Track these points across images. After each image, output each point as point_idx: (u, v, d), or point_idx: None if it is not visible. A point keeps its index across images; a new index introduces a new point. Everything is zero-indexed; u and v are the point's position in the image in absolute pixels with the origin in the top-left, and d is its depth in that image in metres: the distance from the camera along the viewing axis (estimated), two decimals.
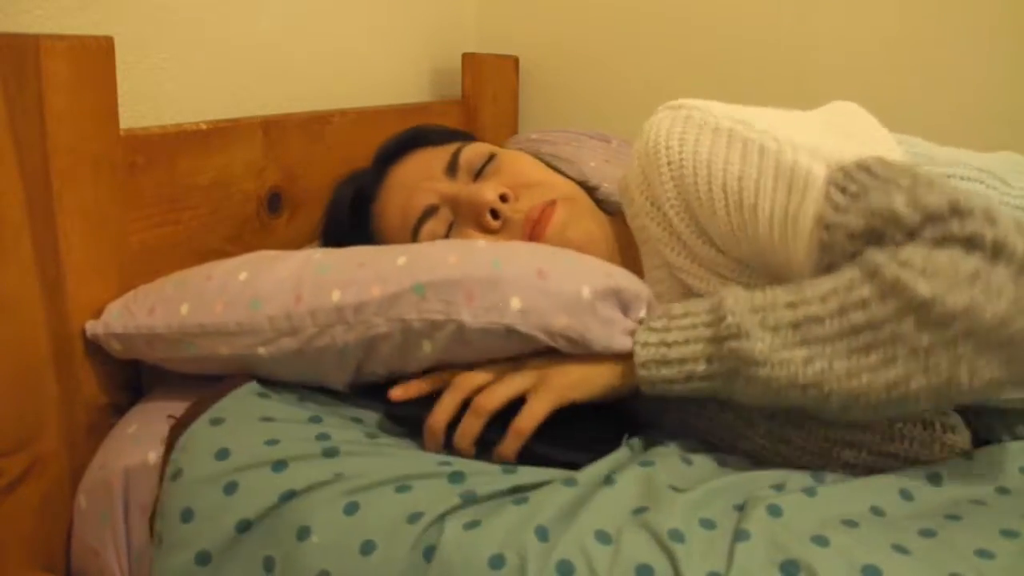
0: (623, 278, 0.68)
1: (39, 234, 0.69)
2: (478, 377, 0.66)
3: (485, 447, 0.65)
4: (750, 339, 0.60)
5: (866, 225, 0.62)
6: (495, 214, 0.79)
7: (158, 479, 0.64)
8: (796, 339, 0.59)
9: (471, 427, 0.64)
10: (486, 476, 0.61)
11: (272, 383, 0.72)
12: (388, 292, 0.66)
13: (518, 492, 0.60)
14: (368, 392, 0.73)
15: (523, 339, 0.65)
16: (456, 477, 0.61)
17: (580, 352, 0.65)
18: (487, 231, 0.80)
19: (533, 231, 0.78)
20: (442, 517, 0.56)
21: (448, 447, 0.66)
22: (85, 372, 0.74)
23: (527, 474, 0.62)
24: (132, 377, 0.79)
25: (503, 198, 0.80)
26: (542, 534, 0.54)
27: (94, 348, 0.74)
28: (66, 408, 0.73)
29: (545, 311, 0.64)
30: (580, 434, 0.66)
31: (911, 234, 0.60)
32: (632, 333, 0.66)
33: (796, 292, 0.61)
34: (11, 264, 0.68)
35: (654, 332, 0.65)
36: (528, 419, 0.63)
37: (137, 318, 0.72)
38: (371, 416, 0.71)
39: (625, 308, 0.67)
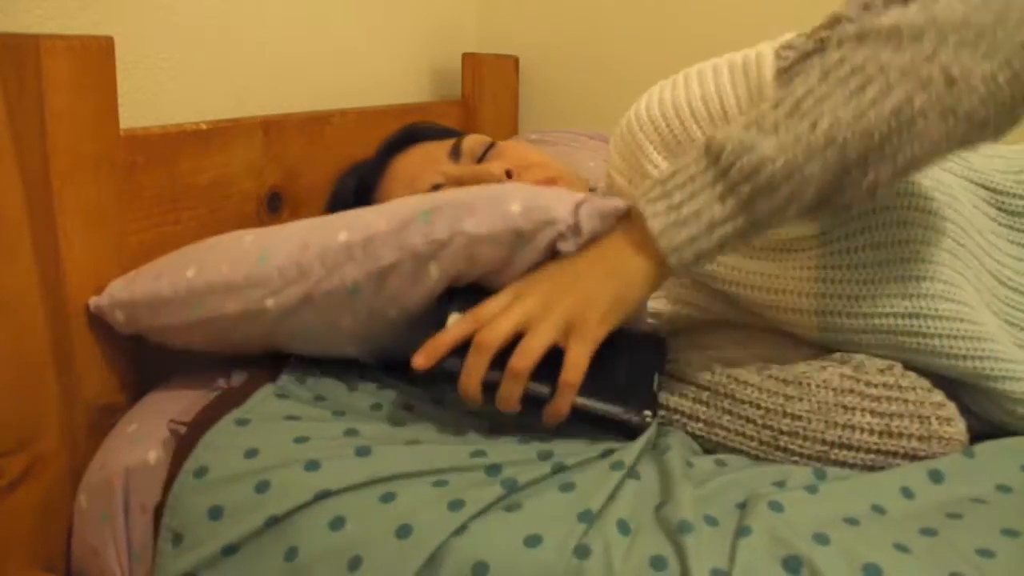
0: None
1: (39, 234, 0.69)
2: (500, 328, 0.63)
3: (527, 401, 0.63)
4: (755, 149, 0.59)
5: (815, 39, 0.66)
6: None
7: (166, 476, 0.64)
8: (796, 120, 0.60)
9: (513, 392, 0.62)
10: (523, 465, 0.61)
11: (286, 387, 0.72)
12: (395, 223, 0.67)
13: (558, 474, 0.60)
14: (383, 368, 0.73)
15: (529, 241, 0.64)
16: (493, 470, 0.61)
17: (585, 239, 0.64)
18: None
19: None
20: (487, 508, 0.57)
21: (488, 402, 0.64)
22: (85, 372, 0.74)
23: (562, 455, 0.62)
24: (132, 377, 0.79)
25: (508, 174, 0.81)
26: (586, 519, 0.55)
27: (95, 347, 0.74)
28: (66, 408, 0.73)
29: (545, 207, 0.64)
30: (619, 372, 0.65)
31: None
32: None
33: (776, 94, 0.62)
34: (11, 264, 0.68)
35: (656, 201, 0.62)
36: (574, 371, 0.62)
37: (144, 285, 0.72)
38: (387, 398, 0.72)
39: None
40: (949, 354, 0.68)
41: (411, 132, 0.93)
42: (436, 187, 0.83)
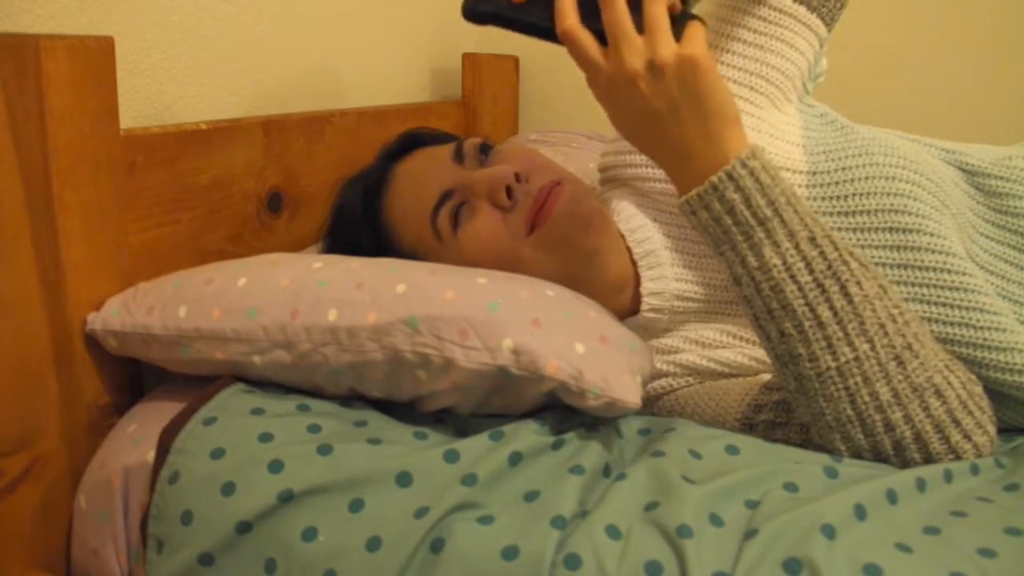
0: (616, 345, 0.68)
1: (39, 234, 0.69)
2: None
3: None
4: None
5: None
6: (509, 193, 0.78)
7: (149, 484, 0.65)
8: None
9: None
10: (478, 448, 0.62)
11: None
12: (383, 321, 0.66)
13: (517, 467, 0.60)
14: None
15: (516, 380, 0.65)
16: (451, 455, 0.61)
17: (579, 402, 0.65)
18: (500, 208, 0.78)
19: (537, 216, 0.77)
20: (450, 512, 0.57)
21: None
22: (85, 372, 0.74)
23: (516, 439, 0.62)
24: (132, 377, 0.79)
25: (517, 177, 0.79)
26: (559, 524, 0.55)
27: (94, 348, 0.74)
28: (66, 408, 0.73)
29: (538, 354, 0.64)
30: None
31: None
32: (634, 373, 0.66)
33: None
34: (11, 264, 0.68)
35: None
36: None
37: (135, 316, 0.72)
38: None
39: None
40: (936, 302, 0.70)
41: (409, 138, 0.93)
42: (447, 192, 0.81)
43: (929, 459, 0.63)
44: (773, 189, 0.64)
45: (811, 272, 0.63)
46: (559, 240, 0.77)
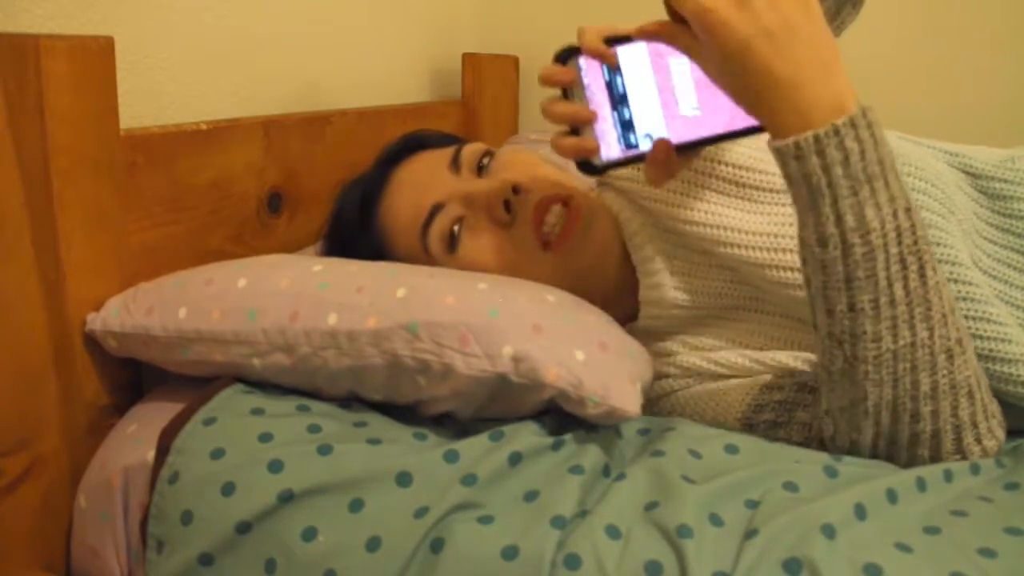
0: (616, 352, 0.68)
1: (39, 234, 0.69)
2: None
3: None
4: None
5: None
6: (507, 207, 0.78)
7: (149, 484, 0.65)
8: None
9: None
10: (478, 449, 0.62)
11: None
12: (383, 326, 0.66)
13: (516, 467, 0.60)
14: None
15: (515, 388, 0.65)
16: (451, 455, 0.61)
17: (578, 410, 0.64)
18: (499, 223, 0.78)
19: (559, 239, 0.78)
20: (449, 512, 0.57)
21: None
22: (85, 372, 0.74)
23: (516, 440, 0.63)
24: (132, 377, 0.79)
25: (515, 190, 0.78)
26: (558, 524, 0.55)
27: (94, 348, 0.74)
28: (66, 408, 0.73)
29: (538, 362, 0.64)
30: None
31: None
32: (634, 381, 0.66)
33: None
34: (11, 264, 0.68)
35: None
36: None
37: (135, 317, 0.72)
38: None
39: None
40: None
41: (409, 141, 0.92)
42: (438, 205, 0.80)
43: (937, 458, 0.62)
44: (883, 148, 0.60)
45: (900, 244, 0.59)
46: (577, 263, 0.78)
